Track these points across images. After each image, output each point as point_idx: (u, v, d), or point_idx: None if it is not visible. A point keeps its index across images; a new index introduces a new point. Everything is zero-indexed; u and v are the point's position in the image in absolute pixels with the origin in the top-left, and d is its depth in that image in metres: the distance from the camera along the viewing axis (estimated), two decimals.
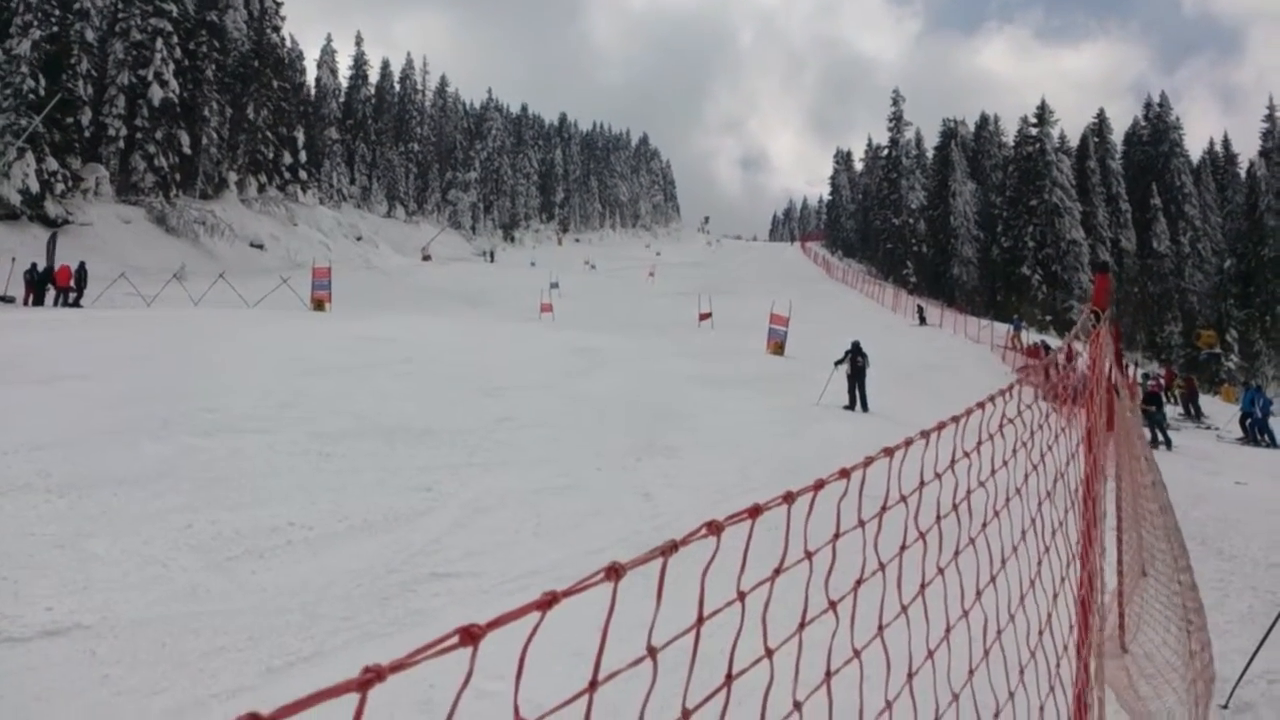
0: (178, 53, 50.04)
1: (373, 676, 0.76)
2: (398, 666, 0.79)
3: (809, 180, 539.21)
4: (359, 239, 66.27)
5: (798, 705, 1.48)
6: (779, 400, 18.51)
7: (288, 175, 60.70)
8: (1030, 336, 42.14)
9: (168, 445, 9.34)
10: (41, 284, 29.42)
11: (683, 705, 1.25)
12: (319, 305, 32.43)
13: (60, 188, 41.41)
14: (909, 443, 1.81)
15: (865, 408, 18.86)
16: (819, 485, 1.48)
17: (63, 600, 5.60)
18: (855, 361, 19.34)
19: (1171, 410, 26.37)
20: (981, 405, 2.17)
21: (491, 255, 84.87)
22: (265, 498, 8.07)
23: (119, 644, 5.18)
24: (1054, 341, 41.81)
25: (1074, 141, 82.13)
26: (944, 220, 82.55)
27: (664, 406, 15.88)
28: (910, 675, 1.85)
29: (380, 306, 34.97)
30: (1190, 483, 13.29)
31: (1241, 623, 6.93)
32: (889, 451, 1.75)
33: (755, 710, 1.43)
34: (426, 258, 71.26)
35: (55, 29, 42.82)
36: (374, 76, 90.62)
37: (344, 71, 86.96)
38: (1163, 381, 28.66)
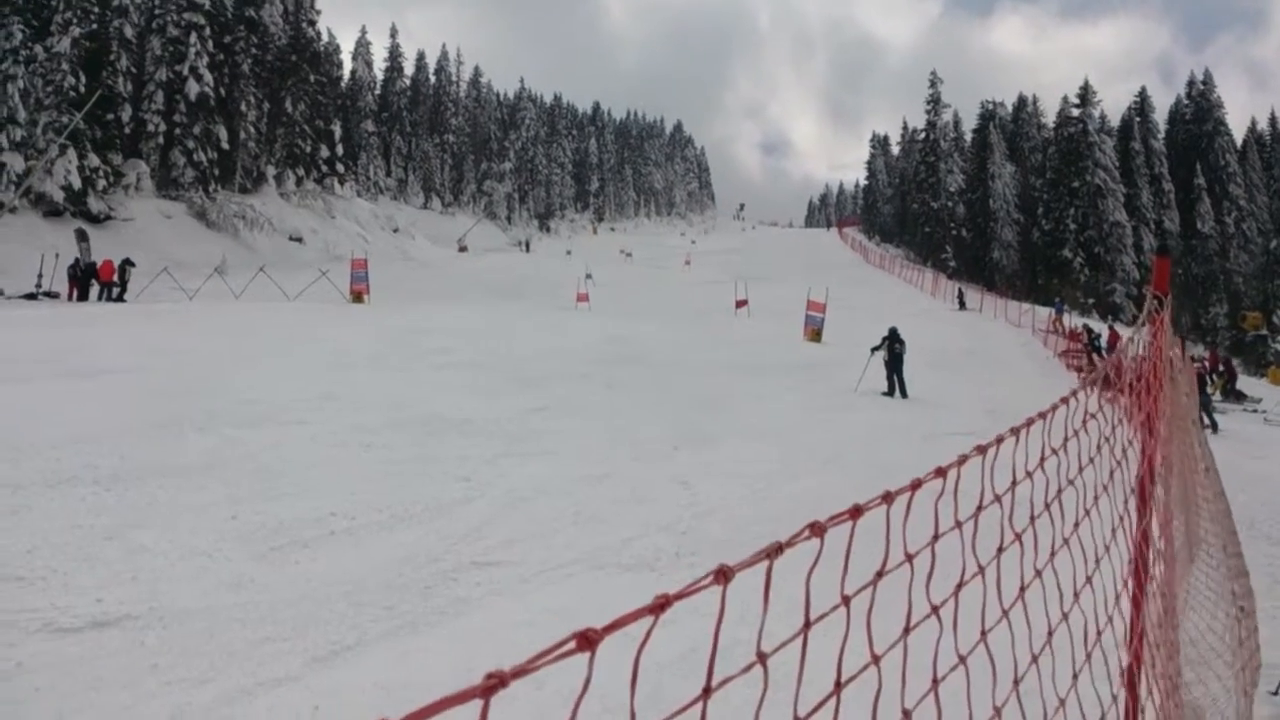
0: (211, 46, 50.44)
1: (496, 682, 0.76)
2: (520, 672, 0.79)
3: (831, 165, 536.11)
4: (396, 231, 66.60)
5: (907, 715, 1.44)
6: (817, 387, 18.42)
7: (325, 168, 61.09)
8: (1072, 320, 41.62)
9: (211, 437, 9.46)
10: (85, 279, 29.85)
11: (794, 713, 1.22)
12: (357, 297, 32.65)
13: (102, 184, 41.95)
14: (1000, 440, 1.76)
15: (904, 394, 18.72)
16: (916, 485, 1.44)
17: (112, 591, 5.70)
18: (893, 348, 19.17)
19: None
20: (1065, 400, 2.12)
21: (527, 245, 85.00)
22: (307, 489, 8.16)
23: (167, 634, 5.26)
24: (1096, 325, 41.24)
25: (1109, 121, 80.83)
26: (983, 203, 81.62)
27: (701, 395, 15.85)
28: (1016, 682, 1.82)
29: (417, 298, 35.17)
30: (1236, 466, 13.08)
31: None
32: (981, 449, 1.69)
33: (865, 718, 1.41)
34: (463, 249, 71.51)
35: (94, 26, 43.34)
36: (409, 69, 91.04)
37: (379, 64, 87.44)
38: (1207, 365, 28.19)
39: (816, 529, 1.21)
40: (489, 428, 11.59)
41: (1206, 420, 20.04)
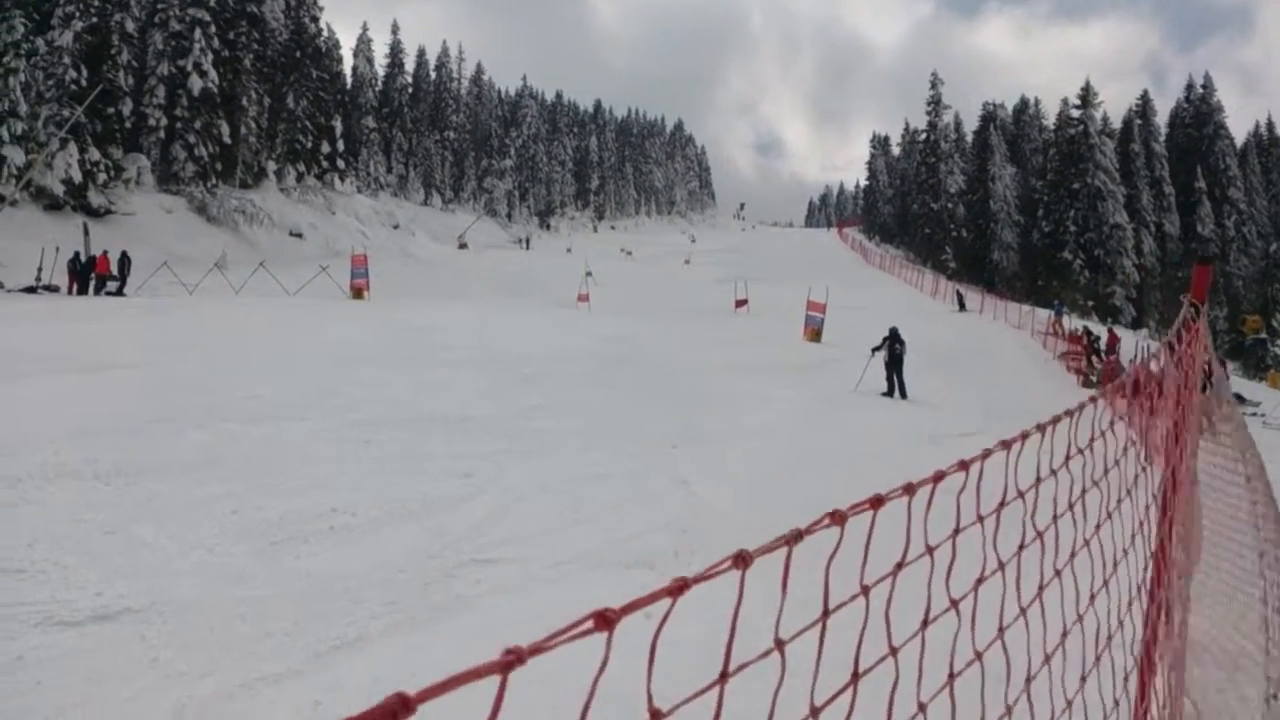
0: (216, 43, 50.44)
1: (514, 659, 0.77)
2: (537, 650, 0.80)
3: (824, 166, 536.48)
4: (396, 227, 66.57)
5: (922, 707, 1.44)
6: (816, 387, 18.44)
7: (326, 164, 61.05)
8: (1072, 322, 41.62)
9: (212, 433, 9.47)
10: (85, 273, 29.84)
11: (810, 703, 1.22)
12: (358, 293, 32.67)
13: (102, 178, 41.90)
14: (1025, 436, 1.76)
15: (904, 394, 18.73)
16: (939, 477, 1.44)
17: (112, 585, 5.70)
18: (893, 348, 19.19)
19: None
20: (1094, 399, 2.12)
21: (527, 243, 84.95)
22: (307, 484, 8.16)
23: (168, 628, 5.27)
24: (1095, 327, 41.27)
25: (1110, 123, 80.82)
26: (983, 204, 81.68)
27: (700, 394, 15.87)
28: (1029, 680, 1.82)
29: (418, 295, 35.20)
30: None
31: None
32: (1006, 444, 1.69)
33: (880, 709, 1.41)
34: (463, 246, 71.47)
35: (95, 20, 43.29)
36: (410, 65, 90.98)
37: (380, 60, 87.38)
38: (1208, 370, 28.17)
39: (837, 517, 1.21)
40: (489, 425, 11.60)
41: (1206, 424, 20.06)
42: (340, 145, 63.34)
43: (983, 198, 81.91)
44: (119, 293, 29.60)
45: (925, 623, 1.50)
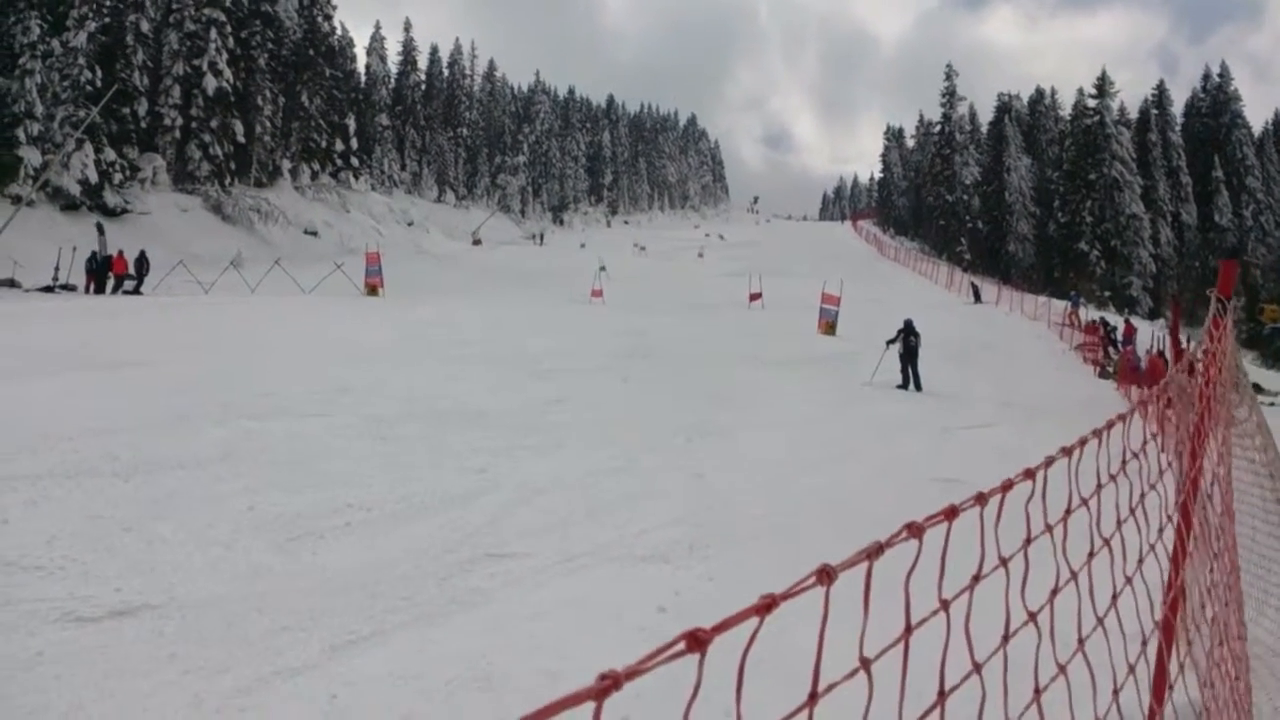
0: (230, 42, 50.63)
1: (610, 684, 0.75)
2: (632, 673, 0.78)
3: (832, 159, 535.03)
4: (410, 224, 66.73)
5: None
6: (831, 380, 18.40)
7: (340, 162, 61.28)
8: (1089, 313, 41.39)
9: (228, 429, 9.51)
10: (102, 272, 30.02)
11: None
12: (372, 290, 32.74)
13: (118, 178, 42.15)
14: (1083, 442, 1.71)
15: (919, 387, 18.68)
16: (1007, 486, 1.41)
17: (131, 581, 5.73)
18: (908, 340, 19.13)
19: None
20: (1144, 403, 2.09)
21: (541, 238, 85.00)
22: (324, 480, 8.19)
23: (186, 624, 5.29)
24: (1112, 318, 41.03)
25: (1127, 112, 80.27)
26: (999, 196, 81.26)
27: (715, 388, 15.85)
28: (1115, 692, 1.80)
29: (432, 291, 35.24)
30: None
31: None
32: (1067, 451, 1.65)
33: None
34: (477, 242, 71.59)
35: (108, 20, 43.50)
36: (423, 62, 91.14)
37: (393, 58, 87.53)
38: None
39: (914, 529, 1.17)
40: (504, 420, 11.61)
41: None
42: (354, 143, 63.55)
43: (998, 189, 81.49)
44: (136, 291, 29.77)
45: (1006, 637, 1.47)
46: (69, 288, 29.37)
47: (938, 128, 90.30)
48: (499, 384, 14.16)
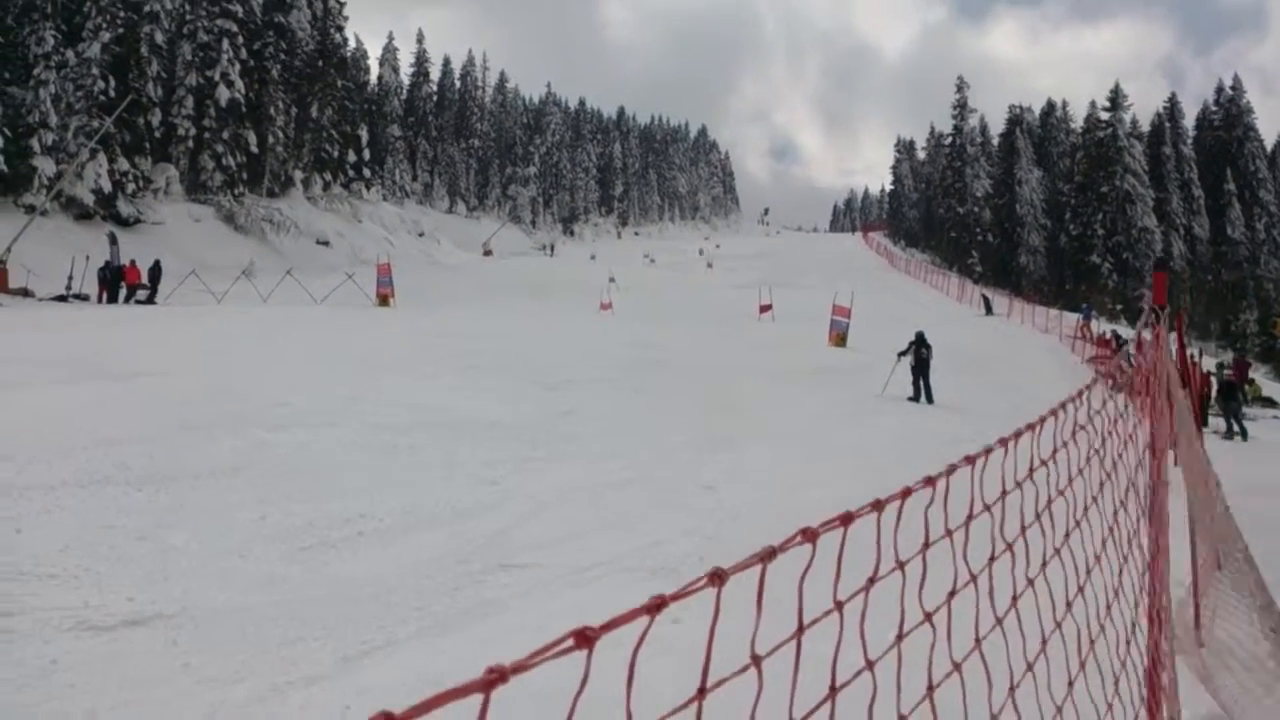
0: (243, 53, 50.93)
1: (496, 677, 0.78)
2: (519, 668, 0.81)
3: (839, 171, 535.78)
4: (421, 235, 66.96)
5: (903, 719, 1.45)
6: (842, 393, 18.35)
7: (352, 173, 61.53)
8: (1101, 326, 41.27)
9: (241, 439, 9.53)
10: (115, 282, 30.18)
11: (789, 716, 1.23)
12: (383, 301, 32.82)
13: (131, 188, 42.43)
14: (989, 451, 1.77)
15: (930, 399, 18.62)
16: (906, 493, 1.45)
17: (144, 590, 5.75)
18: (919, 353, 19.07)
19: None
20: (1054, 413, 2.13)
21: (551, 249, 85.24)
22: (336, 490, 8.21)
23: (199, 633, 5.31)
24: (1125, 331, 40.91)
25: (1139, 125, 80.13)
26: (1010, 208, 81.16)
27: (725, 400, 15.83)
28: (1012, 689, 1.81)
29: (443, 302, 35.31)
30: (1265, 474, 12.92)
31: None
32: (970, 459, 1.71)
33: None
34: (488, 253, 71.83)
35: (122, 31, 43.80)
36: (435, 74, 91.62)
37: (405, 69, 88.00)
38: (1231, 375, 27.83)
39: (808, 534, 1.25)
40: (515, 431, 11.62)
41: (1236, 427, 19.82)
42: (366, 154, 63.80)
43: (1009, 201, 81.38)
44: (149, 301, 29.91)
45: (900, 636, 1.51)
46: (82, 297, 29.52)
47: (949, 140, 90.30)
48: (509, 395, 14.16)
